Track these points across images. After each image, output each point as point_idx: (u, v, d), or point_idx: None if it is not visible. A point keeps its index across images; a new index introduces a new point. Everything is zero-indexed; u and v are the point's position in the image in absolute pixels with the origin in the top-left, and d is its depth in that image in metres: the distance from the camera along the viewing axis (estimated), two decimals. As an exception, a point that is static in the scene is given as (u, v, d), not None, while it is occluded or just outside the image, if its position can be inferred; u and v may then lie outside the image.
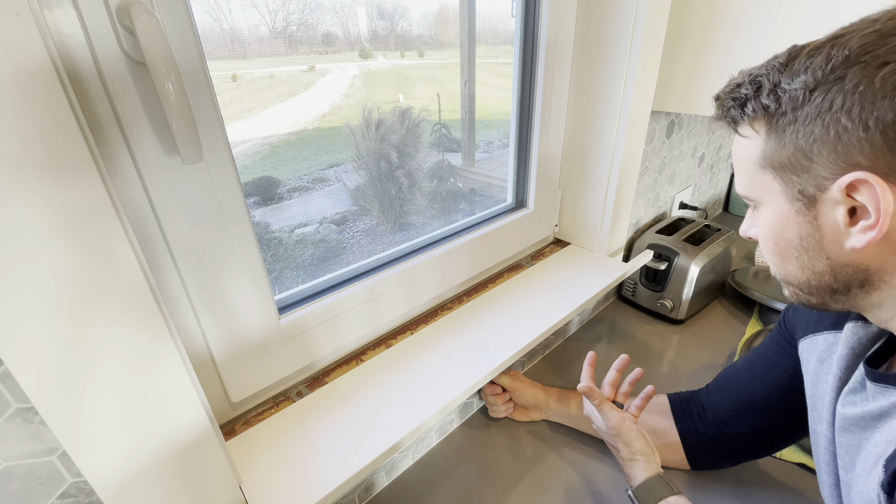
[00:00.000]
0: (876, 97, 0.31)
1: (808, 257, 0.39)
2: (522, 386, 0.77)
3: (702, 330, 1.02)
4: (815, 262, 0.39)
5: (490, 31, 0.80)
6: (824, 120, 0.34)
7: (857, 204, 0.34)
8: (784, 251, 0.41)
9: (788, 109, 0.36)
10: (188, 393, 0.40)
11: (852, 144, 0.33)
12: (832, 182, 0.34)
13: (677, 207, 1.24)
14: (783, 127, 0.36)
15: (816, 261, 0.39)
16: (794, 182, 0.37)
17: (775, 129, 0.37)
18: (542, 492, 0.68)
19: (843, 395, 0.46)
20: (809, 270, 0.40)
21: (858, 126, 0.32)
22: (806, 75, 0.35)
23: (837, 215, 0.35)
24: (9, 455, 0.33)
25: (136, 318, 0.35)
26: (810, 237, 0.38)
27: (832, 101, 0.33)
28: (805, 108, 0.35)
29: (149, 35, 0.32)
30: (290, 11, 0.56)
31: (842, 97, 0.33)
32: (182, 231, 0.45)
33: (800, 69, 0.35)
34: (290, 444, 0.54)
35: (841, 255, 0.37)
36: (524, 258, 0.94)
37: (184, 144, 0.36)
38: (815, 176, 0.35)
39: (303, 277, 0.69)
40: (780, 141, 0.37)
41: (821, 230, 0.37)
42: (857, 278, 0.38)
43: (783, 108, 0.36)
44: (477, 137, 0.90)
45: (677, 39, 0.86)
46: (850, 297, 0.39)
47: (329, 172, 0.74)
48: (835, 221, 0.36)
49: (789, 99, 0.36)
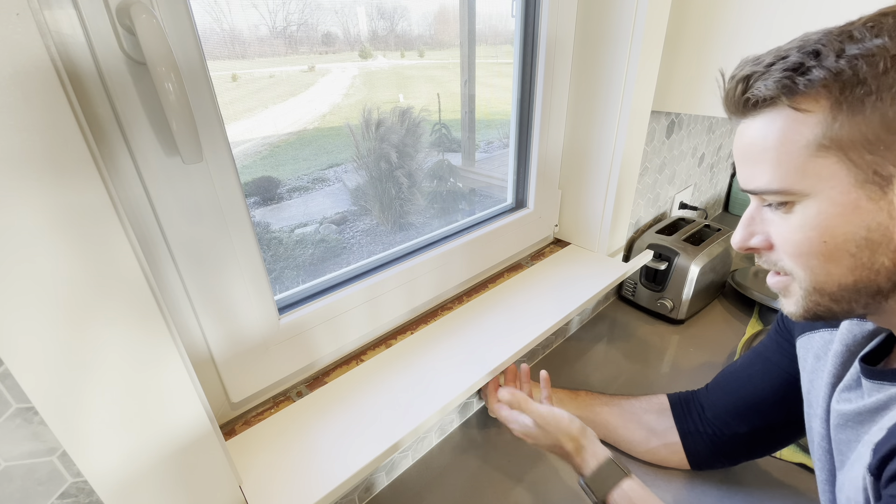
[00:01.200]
0: None
1: (871, 253, 0.34)
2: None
3: (702, 330, 1.02)
4: (877, 256, 0.34)
5: (490, 31, 0.80)
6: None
7: None
8: (835, 250, 0.35)
9: (868, 76, 0.31)
10: (188, 393, 0.40)
11: None
12: None
13: (677, 207, 1.24)
14: (860, 97, 0.32)
15: (880, 255, 0.34)
16: (869, 162, 0.33)
17: (847, 100, 0.32)
18: (542, 492, 0.68)
19: (837, 391, 0.46)
20: (866, 269, 0.35)
21: None
22: (882, 38, 0.31)
23: None
24: (9, 455, 0.33)
25: (136, 318, 0.35)
26: (879, 227, 0.33)
27: None
28: (890, 75, 0.31)
29: (149, 35, 0.32)
30: (290, 11, 0.56)
31: None
32: (182, 231, 0.45)
33: (868, 33, 0.32)
34: (290, 443, 0.54)
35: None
36: (524, 258, 0.94)
37: (184, 144, 0.36)
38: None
39: (303, 277, 0.69)
40: (856, 114, 0.32)
41: (893, 218, 0.33)
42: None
43: (860, 76, 0.32)
44: (477, 137, 0.90)
45: (677, 39, 0.86)
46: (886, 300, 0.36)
47: (329, 172, 0.74)
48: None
49: (867, 65, 0.31)
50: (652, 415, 0.70)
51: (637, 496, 0.53)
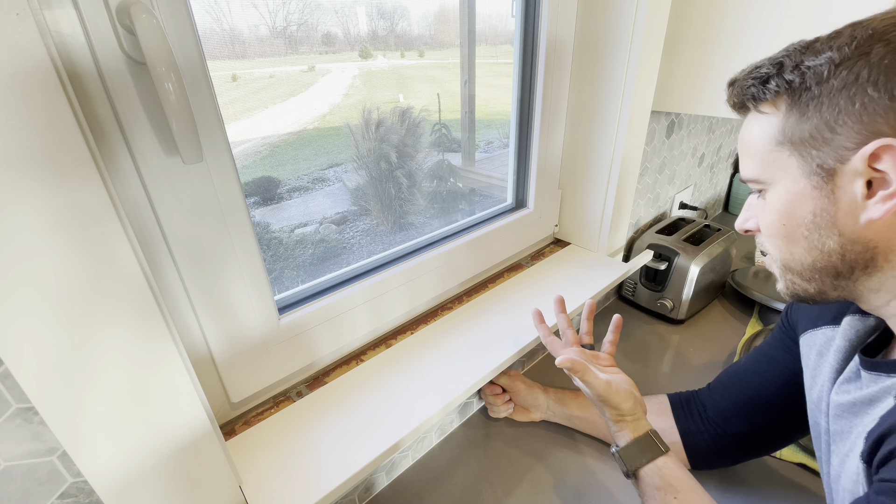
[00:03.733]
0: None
1: (819, 235, 0.40)
2: (522, 386, 0.77)
3: (702, 330, 1.02)
4: (825, 239, 0.39)
5: (490, 31, 0.80)
6: (850, 91, 0.35)
7: (876, 176, 0.35)
8: (792, 231, 0.41)
9: (812, 84, 0.37)
10: (188, 393, 0.40)
11: (878, 114, 0.34)
12: (854, 152, 0.36)
13: (677, 207, 1.24)
14: (806, 101, 0.38)
15: (827, 238, 0.39)
16: (814, 156, 0.38)
17: (797, 104, 0.38)
18: (542, 492, 0.68)
19: (837, 384, 0.47)
20: (818, 250, 0.40)
21: (885, 95, 0.34)
22: (831, 52, 0.36)
23: (856, 187, 0.36)
24: (9, 455, 0.33)
25: (136, 318, 0.35)
26: (825, 212, 0.39)
27: (858, 73, 0.35)
28: (830, 82, 0.36)
29: (149, 35, 0.32)
30: (290, 11, 0.56)
31: (868, 70, 0.34)
32: (182, 231, 0.45)
33: (822, 48, 0.37)
34: (290, 444, 0.54)
35: (854, 231, 0.38)
36: (524, 258, 0.94)
37: (184, 144, 0.36)
38: (837, 147, 0.37)
39: (303, 277, 0.69)
40: (803, 115, 0.38)
41: (837, 204, 0.38)
42: (863, 258, 0.38)
43: (807, 83, 0.37)
44: (477, 137, 0.90)
45: (677, 39, 0.86)
46: (851, 282, 0.40)
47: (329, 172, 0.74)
48: (852, 194, 0.37)
49: (814, 74, 0.37)
50: (651, 415, 0.70)
51: (672, 474, 0.52)
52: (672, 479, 0.52)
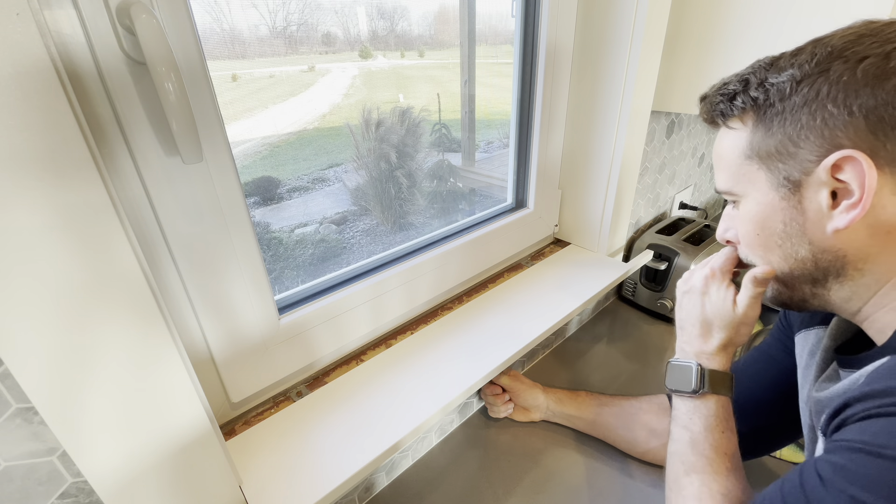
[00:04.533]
0: (858, 86, 0.35)
1: (792, 244, 0.42)
2: (522, 386, 0.77)
3: (702, 330, 1.02)
4: (797, 248, 0.41)
5: (490, 31, 0.80)
6: (811, 107, 0.37)
7: (839, 186, 0.37)
8: (767, 240, 0.43)
9: (776, 101, 0.39)
10: (188, 393, 0.40)
11: (838, 128, 0.36)
12: (817, 164, 0.37)
13: (677, 207, 1.24)
14: (771, 117, 0.40)
15: (799, 247, 0.41)
16: (780, 169, 0.40)
17: (763, 120, 0.40)
18: (542, 492, 0.68)
19: (819, 381, 0.48)
20: (792, 259, 0.42)
21: (843, 111, 0.35)
22: (793, 69, 0.38)
23: (821, 198, 0.38)
24: (9, 455, 0.33)
25: (135, 318, 0.35)
26: (794, 222, 0.41)
27: (819, 90, 0.36)
28: (793, 99, 0.38)
29: (149, 35, 0.32)
30: (290, 11, 0.56)
31: (827, 86, 0.36)
32: (182, 231, 0.45)
33: (785, 65, 0.39)
34: (290, 444, 0.54)
35: (823, 240, 0.39)
36: (524, 258, 0.94)
37: (184, 144, 0.36)
38: (802, 161, 0.38)
39: (303, 277, 0.69)
40: (768, 130, 0.40)
41: (804, 214, 0.40)
42: (834, 266, 0.40)
43: (771, 100, 0.39)
44: (477, 137, 0.90)
45: (677, 39, 0.86)
46: (826, 290, 0.42)
47: (329, 172, 0.74)
48: (818, 204, 0.38)
49: (777, 91, 0.39)
50: (652, 415, 0.70)
51: (722, 415, 0.52)
52: (718, 420, 0.52)
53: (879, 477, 0.31)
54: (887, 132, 0.35)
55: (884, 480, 0.31)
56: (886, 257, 0.38)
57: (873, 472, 0.31)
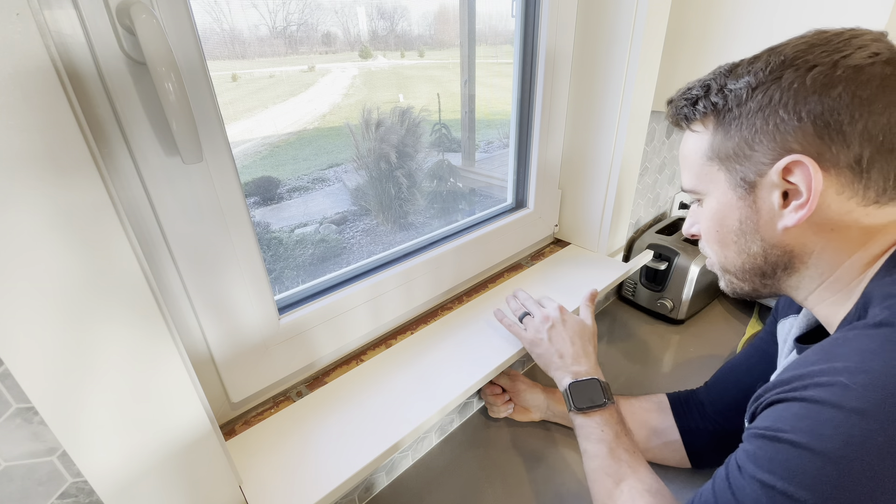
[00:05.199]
0: (807, 93, 0.37)
1: (745, 240, 0.45)
2: (522, 386, 0.77)
3: (702, 330, 1.02)
4: (750, 244, 0.45)
5: (490, 31, 0.80)
6: (765, 113, 0.40)
7: (789, 187, 0.40)
8: (724, 237, 0.47)
9: (734, 106, 0.42)
10: (188, 393, 0.40)
11: (788, 133, 0.39)
12: (770, 167, 0.40)
13: (677, 207, 1.24)
14: (729, 121, 0.42)
15: (752, 243, 0.44)
16: (737, 170, 0.43)
17: (722, 124, 0.43)
18: (542, 492, 0.68)
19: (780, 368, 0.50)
20: (745, 254, 0.46)
21: (793, 117, 0.38)
22: (749, 76, 0.41)
23: (773, 198, 0.41)
24: (9, 455, 0.33)
25: (136, 317, 0.35)
26: (749, 220, 0.44)
27: (771, 97, 0.39)
28: (748, 104, 0.41)
29: (149, 35, 0.32)
30: (290, 11, 0.56)
31: (779, 93, 0.39)
32: (182, 231, 0.45)
33: (743, 72, 0.41)
34: (289, 444, 0.54)
35: (773, 237, 0.43)
36: (524, 258, 0.94)
37: (184, 144, 0.36)
38: (756, 163, 0.41)
39: (303, 277, 0.69)
40: (727, 133, 0.43)
41: (758, 213, 0.43)
42: (782, 260, 0.44)
43: (729, 105, 0.42)
44: (477, 137, 0.90)
45: (677, 39, 0.86)
46: (776, 280, 0.45)
47: (329, 172, 0.74)
48: (770, 204, 0.41)
49: (734, 97, 0.42)
50: (652, 414, 0.70)
51: (621, 419, 0.59)
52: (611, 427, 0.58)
53: (778, 459, 0.33)
54: (833, 136, 0.37)
55: (782, 462, 0.33)
56: (829, 253, 0.41)
57: (773, 455, 0.34)
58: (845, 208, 0.39)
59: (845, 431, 0.31)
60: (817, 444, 0.31)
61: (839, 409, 0.31)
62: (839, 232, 0.40)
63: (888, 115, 0.36)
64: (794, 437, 0.33)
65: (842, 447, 0.30)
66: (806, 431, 0.32)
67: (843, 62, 0.37)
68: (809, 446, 0.32)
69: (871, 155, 0.37)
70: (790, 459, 0.33)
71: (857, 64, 0.36)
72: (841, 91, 0.36)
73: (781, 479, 0.33)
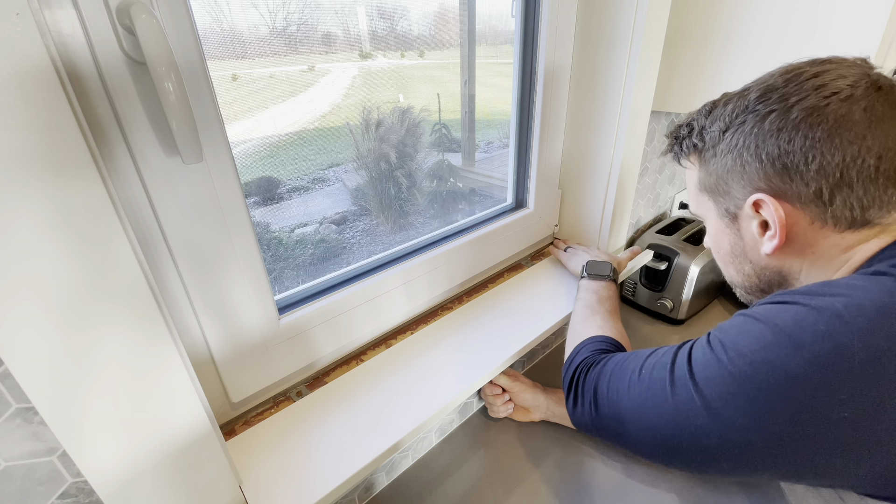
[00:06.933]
0: (765, 137, 0.41)
1: (738, 262, 0.50)
2: (522, 387, 0.77)
3: (702, 330, 1.01)
4: (743, 266, 0.49)
5: (490, 31, 0.80)
6: (733, 154, 0.44)
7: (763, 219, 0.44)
8: (723, 258, 0.52)
9: (710, 146, 0.47)
10: (188, 393, 0.40)
11: (753, 173, 0.43)
12: (744, 202, 0.45)
13: (677, 207, 1.24)
14: (707, 160, 0.48)
15: (744, 265, 0.49)
16: (721, 202, 0.48)
17: (703, 162, 0.48)
18: (542, 492, 0.68)
19: None
20: (742, 274, 0.50)
21: (755, 159, 0.42)
22: (720, 121, 0.45)
23: (753, 228, 0.45)
24: (9, 455, 0.33)
25: (136, 317, 0.35)
26: (737, 246, 0.49)
27: (737, 140, 0.43)
28: (720, 146, 0.45)
29: (149, 35, 0.32)
30: (290, 11, 0.56)
31: (743, 137, 0.43)
32: (182, 231, 0.45)
33: (717, 115, 0.46)
34: (290, 444, 0.54)
35: (760, 260, 0.47)
36: (524, 258, 0.94)
37: (184, 144, 0.36)
38: (733, 198, 0.46)
39: (303, 277, 0.69)
40: (707, 170, 0.48)
41: (743, 240, 0.48)
42: (775, 279, 0.48)
43: (707, 146, 0.47)
44: (477, 137, 0.90)
45: (677, 39, 0.86)
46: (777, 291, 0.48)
47: (329, 172, 0.74)
48: (752, 233, 0.46)
49: (710, 138, 0.47)
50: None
51: (618, 297, 0.74)
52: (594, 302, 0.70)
53: (746, 330, 0.40)
54: (791, 175, 0.40)
55: (746, 332, 0.39)
56: (816, 269, 0.44)
57: (743, 327, 0.40)
58: (821, 234, 0.42)
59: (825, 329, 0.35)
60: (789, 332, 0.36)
61: (820, 313, 0.35)
62: (820, 253, 0.43)
63: (842, 153, 0.38)
64: (767, 320, 0.38)
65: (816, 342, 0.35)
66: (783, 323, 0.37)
67: (798, 105, 0.39)
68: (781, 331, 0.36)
69: (831, 190, 0.39)
70: (751, 330, 0.38)
71: (813, 105, 0.39)
72: (793, 135, 0.39)
73: (729, 338, 0.39)
